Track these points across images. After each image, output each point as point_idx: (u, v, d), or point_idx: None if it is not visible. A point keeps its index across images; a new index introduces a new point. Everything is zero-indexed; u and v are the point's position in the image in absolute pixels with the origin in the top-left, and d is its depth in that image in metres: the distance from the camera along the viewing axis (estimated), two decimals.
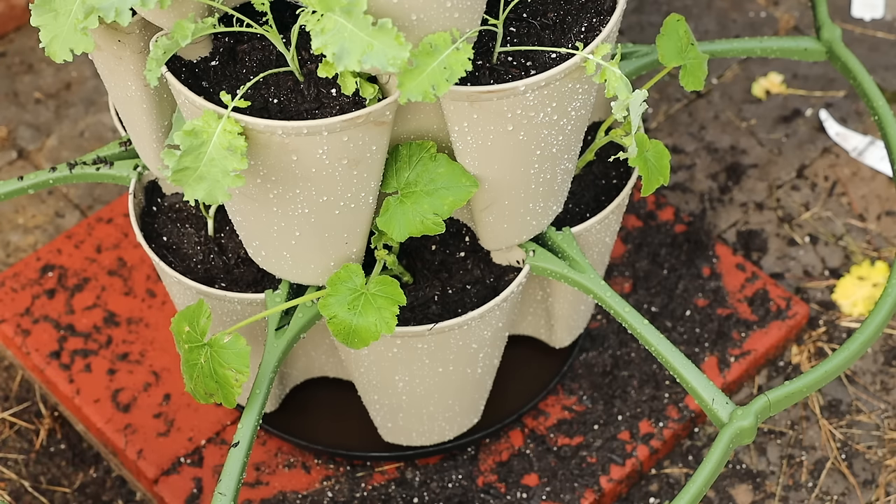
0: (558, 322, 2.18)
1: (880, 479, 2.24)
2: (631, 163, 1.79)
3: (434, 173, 1.78)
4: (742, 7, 2.85)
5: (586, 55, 1.70)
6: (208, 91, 1.73)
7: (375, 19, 1.59)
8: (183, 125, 1.78)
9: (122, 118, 1.97)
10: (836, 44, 2.16)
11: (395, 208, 1.78)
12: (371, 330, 1.78)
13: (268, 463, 2.21)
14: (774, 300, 2.36)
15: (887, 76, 2.71)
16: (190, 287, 1.96)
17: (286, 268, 1.89)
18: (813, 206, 2.54)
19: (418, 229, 1.78)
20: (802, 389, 1.86)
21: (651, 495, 2.22)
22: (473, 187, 1.78)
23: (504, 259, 1.99)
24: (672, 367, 1.85)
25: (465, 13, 1.65)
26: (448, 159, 1.78)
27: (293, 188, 1.72)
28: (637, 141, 1.77)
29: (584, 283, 1.92)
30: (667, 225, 2.45)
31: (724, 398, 1.84)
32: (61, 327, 2.33)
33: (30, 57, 2.78)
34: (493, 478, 2.19)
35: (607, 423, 2.23)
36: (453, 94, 1.69)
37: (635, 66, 2.11)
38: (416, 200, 1.78)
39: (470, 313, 1.91)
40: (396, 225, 1.78)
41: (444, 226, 1.78)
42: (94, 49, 1.74)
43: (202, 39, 1.76)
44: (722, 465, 1.81)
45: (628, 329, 1.90)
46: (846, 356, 1.89)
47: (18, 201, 2.57)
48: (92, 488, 2.26)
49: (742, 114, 2.67)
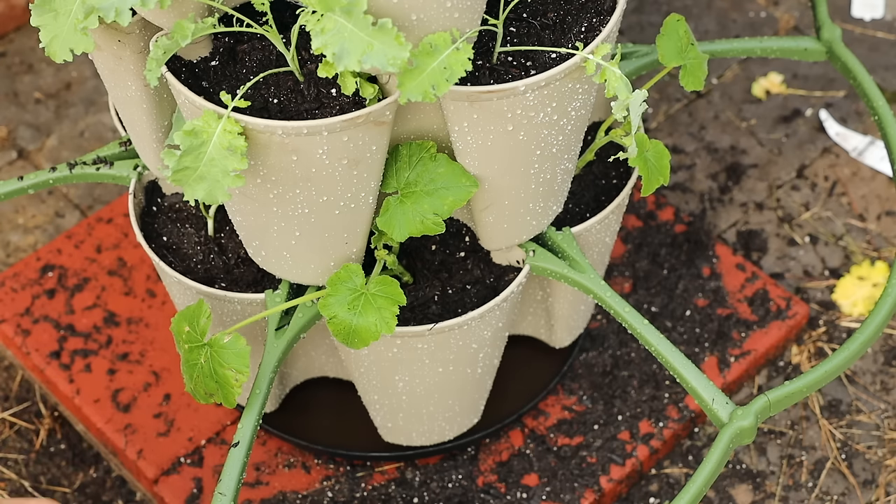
0: (558, 322, 2.18)
1: (880, 479, 2.24)
2: (631, 163, 1.79)
3: (434, 173, 1.78)
4: (742, 7, 2.85)
5: (586, 55, 1.70)
6: (208, 91, 1.73)
7: (375, 19, 1.59)
8: (183, 125, 1.78)
9: (122, 118, 1.97)
10: (836, 44, 2.16)
11: (394, 208, 1.78)
12: (371, 330, 1.78)
13: (268, 463, 2.21)
14: (774, 300, 2.36)
15: (887, 76, 2.72)
16: (190, 287, 1.96)
17: (286, 268, 1.89)
18: (813, 206, 2.54)
19: (418, 229, 1.78)
20: (802, 389, 1.86)
21: (651, 495, 2.22)
22: (473, 187, 1.78)
23: (504, 259, 1.99)
24: (672, 367, 1.85)
25: (465, 13, 1.65)
26: (448, 159, 1.78)
27: (293, 188, 1.72)
28: (637, 141, 1.77)
29: (584, 283, 1.92)
30: (667, 225, 2.45)
31: (724, 398, 1.84)
32: (61, 327, 2.33)
33: (30, 57, 2.78)
34: (493, 478, 2.19)
35: (607, 423, 2.23)
36: (453, 94, 1.69)
37: (635, 66, 2.11)
38: (416, 200, 1.78)
39: (470, 313, 1.91)
40: (396, 225, 1.78)
41: (444, 226, 1.78)
42: (94, 49, 1.74)
43: (202, 39, 1.76)
44: (722, 465, 1.81)
45: (628, 329, 1.90)
46: (846, 356, 1.89)
47: (18, 201, 2.57)
48: (92, 488, 2.26)
49: (742, 114, 2.67)
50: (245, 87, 1.68)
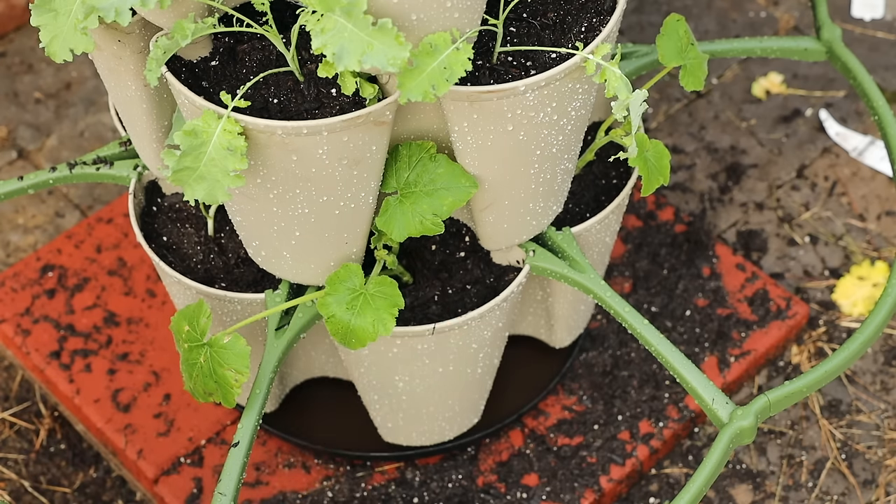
0: (558, 322, 2.18)
1: (880, 479, 2.24)
2: (631, 163, 1.79)
3: (433, 174, 1.78)
4: (742, 7, 2.85)
5: (586, 55, 1.70)
6: (208, 91, 1.73)
7: (375, 19, 1.59)
8: (183, 125, 1.78)
9: (122, 118, 1.97)
10: (837, 44, 2.16)
11: (394, 208, 1.78)
12: (368, 331, 1.78)
13: (268, 463, 2.21)
14: (774, 300, 2.36)
15: (887, 76, 2.72)
16: (190, 287, 1.96)
17: (286, 268, 1.89)
18: (813, 206, 2.54)
19: (417, 230, 1.78)
20: (802, 389, 1.86)
21: (651, 495, 2.22)
22: (473, 188, 1.78)
23: (504, 259, 1.99)
24: (672, 367, 1.86)
25: (465, 13, 1.65)
26: (448, 160, 1.78)
27: (293, 188, 1.72)
28: (637, 141, 1.77)
29: (584, 283, 1.92)
30: (667, 225, 2.45)
31: (724, 398, 1.84)
32: (61, 327, 2.33)
33: (30, 57, 2.78)
34: (493, 478, 2.19)
35: (607, 423, 2.23)
36: (453, 94, 1.69)
37: (635, 66, 2.11)
38: (415, 201, 1.78)
39: (470, 313, 1.91)
40: (396, 225, 1.78)
41: (444, 226, 1.78)
42: (94, 49, 1.74)
43: (202, 39, 1.76)
44: (722, 465, 1.81)
45: (628, 329, 1.90)
46: (846, 356, 1.89)
47: (18, 201, 2.57)
48: (92, 488, 2.26)
49: (742, 114, 2.67)
50: (245, 86, 1.68)
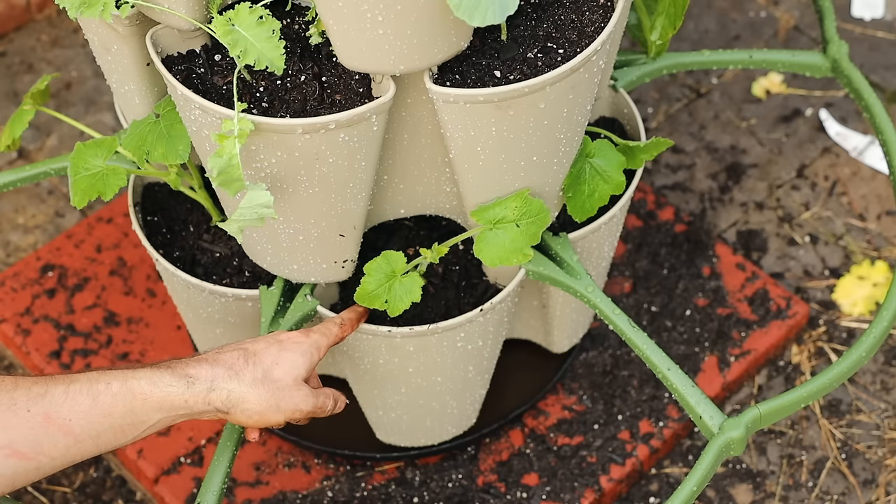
0: (557, 328, 2.17)
1: (880, 479, 2.24)
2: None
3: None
4: (742, 7, 2.85)
5: (586, 56, 1.69)
6: (202, 77, 1.73)
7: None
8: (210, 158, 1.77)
9: (125, 115, 1.98)
10: (843, 61, 2.13)
11: (489, 237, 1.83)
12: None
13: (268, 463, 2.21)
14: (774, 300, 2.36)
15: (887, 76, 2.72)
16: (189, 283, 1.96)
17: (282, 265, 1.89)
18: (813, 206, 2.54)
19: (508, 259, 1.83)
20: (795, 402, 1.82)
21: (651, 495, 2.22)
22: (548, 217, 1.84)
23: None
24: (662, 375, 1.81)
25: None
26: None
27: (290, 186, 1.72)
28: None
29: (578, 289, 1.90)
30: (667, 225, 2.45)
31: (713, 408, 1.81)
32: (61, 327, 2.33)
33: (30, 57, 2.78)
34: (493, 477, 2.19)
35: (607, 423, 2.23)
36: (449, 97, 1.68)
37: (637, 74, 2.10)
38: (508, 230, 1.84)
39: (468, 314, 1.91)
40: (488, 254, 1.83)
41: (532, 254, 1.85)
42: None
43: (197, 31, 1.76)
44: (709, 476, 1.76)
45: (619, 335, 1.88)
46: (843, 368, 1.84)
47: (18, 201, 2.57)
48: (92, 488, 2.26)
49: (742, 113, 2.67)
50: (240, 88, 1.68)
